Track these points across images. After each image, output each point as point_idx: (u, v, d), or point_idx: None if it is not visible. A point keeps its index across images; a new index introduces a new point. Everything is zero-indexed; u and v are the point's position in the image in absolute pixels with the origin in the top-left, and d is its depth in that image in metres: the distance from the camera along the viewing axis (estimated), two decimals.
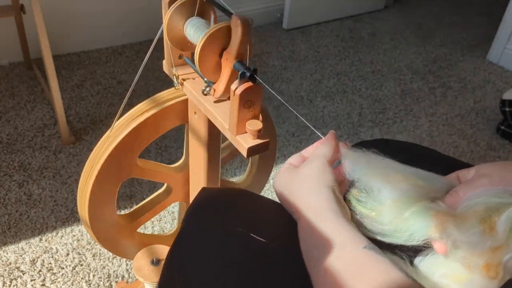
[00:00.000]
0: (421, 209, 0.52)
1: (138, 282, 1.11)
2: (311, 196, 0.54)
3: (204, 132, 0.78)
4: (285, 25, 2.50)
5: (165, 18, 0.68)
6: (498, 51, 2.35)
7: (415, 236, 0.52)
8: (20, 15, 1.76)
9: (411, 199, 0.53)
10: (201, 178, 0.86)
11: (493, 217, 0.50)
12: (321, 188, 0.54)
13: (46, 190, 1.39)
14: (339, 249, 0.47)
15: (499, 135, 1.82)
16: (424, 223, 0.51)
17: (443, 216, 0.51)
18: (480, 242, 0.50)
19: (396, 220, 0.53)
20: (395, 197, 0.53)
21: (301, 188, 0.55)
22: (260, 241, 0.54)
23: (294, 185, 0.57)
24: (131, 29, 2.19)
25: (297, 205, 0.55)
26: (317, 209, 0.52)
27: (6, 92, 1.80)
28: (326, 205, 0.52)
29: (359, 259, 0.46)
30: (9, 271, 1.17)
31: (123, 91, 1.87)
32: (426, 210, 0.52)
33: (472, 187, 0.55)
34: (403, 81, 2.14)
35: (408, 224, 0.52)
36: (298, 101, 1.94)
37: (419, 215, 0.52)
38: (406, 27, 2.66)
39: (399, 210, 0.53)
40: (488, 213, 0.51)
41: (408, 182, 0.54)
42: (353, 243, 0.47)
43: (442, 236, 0.51)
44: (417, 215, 0.52)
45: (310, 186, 0.55)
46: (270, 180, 1.51)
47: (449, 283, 0.50)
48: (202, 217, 0.59)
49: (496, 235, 0.49)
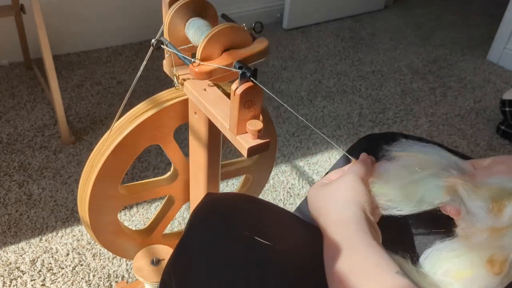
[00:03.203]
0: (433, 172, 0.52)
1: (138, 282, 1.11)
2: (338, 211, 0.53)
3: (204, 132, 0.78)
4: (285, 25, 2.50)
5: (165, 19, 0.68)
6: (498, 51, 2.35)
7: (426, 198, 0.51)
8: (20, 15, 1.76)
9: (422, 165, 0.52)
10: (202, 179, 0.86)
11: (505, 200, 0.49)
12: (349, 204, 0.53)
13: (46, 190, 1.39)
14: (371, 270, 0.46)
15: (499, 135, 1.82)
16: (436, 184, 0.51)
17: (456, 179, 0.50)
18: (484, 218, 0.49)
19: (406, 184, 0.52)
20: (406, 165, 0.53)
21: (330, 201, 0.55)
22: (265, 244, 0.54)
23: (322, 197, 0.56)
24: (131, 29, 2.19)
25: (324, 218, 0.54)
26: (343, 224, 0.51)
27: (6, 92, 1.80)
28: (353, 222, 0.51)
29: (391, 285, 0.44)
30: (9, 271, 1.17)
31: (123, 91, 1.87)
32: (438, 173, 0.51)
33: (489, 172, 0.54)
34: (403, 81, 2.14)
35: (419, 186, 0.52)
36: (298, 101, 1.94)
37: (431, 177, 0.51)
38: (406, 27, 2.66)
39: (410, 174, 0.53)
40: (501, 195, 0.49)
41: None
42: (385, 267, 0.46)
43: (455, 198, 0.50)
44: (428, 177, 0.51)
45: (337, 199, 0.54)
46: (270, 180, 1.51)
47: (452, 281, 0.49)
48: (206, 221, 0.59)
49: (501, 217, 0.48)
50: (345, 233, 0.50)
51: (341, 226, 0.51)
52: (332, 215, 0.53)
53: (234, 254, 0.54)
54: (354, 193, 0.54)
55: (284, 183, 1.51)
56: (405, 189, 0.54)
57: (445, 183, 0.51)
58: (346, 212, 0.52)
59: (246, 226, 0.57)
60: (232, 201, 0.63)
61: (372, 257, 0.47)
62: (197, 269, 0.54)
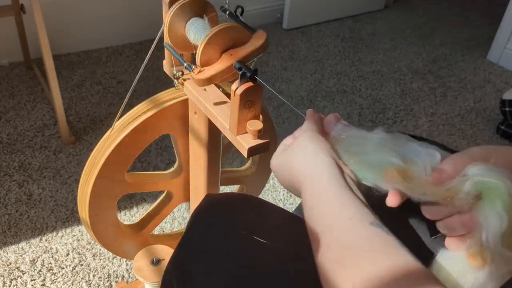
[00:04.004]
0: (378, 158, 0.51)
1: (138, 282, 1.11)
2: (310, 164, 0.52)
3: (204, 132, 0.78)
4: (285, 25, 2.50)
5: (166, 19, 0.68)
6: (498, 51, 2.35)
7: (365, 181, 0.52)
8: (20, 15, 1.76)
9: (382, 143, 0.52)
10: (202, 179, 0.86)
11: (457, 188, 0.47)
12: (318, 154, 0.52)
13: (46, 190, 1.39)
14: (345, 223, 0.45)
15: (499, 135, 1.82)
16: (374, 174, 0.51)
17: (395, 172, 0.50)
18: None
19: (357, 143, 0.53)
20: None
21: (298, 160, 0.53)
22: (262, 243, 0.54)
23: (289, 159, 0.55)
24: (131, 29, 2.19)
25: (297, 176, 0.52)
26: (319, 177, 0.50)
27: (6, 92, 1.80)
28: (327, 172, 0.49)
29: (365, 236, 0.44)
30: (9, 271, 1.17)
31: (123, 91, 1.87)
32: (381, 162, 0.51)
33: (455, 161, 0.50)
34: (403, 81, 2.14)
35: (368, 153, 0.52)
36: (298, 101, 1.94)
37: (382, 153, 0.51)
38: (406, 27, 2.66)
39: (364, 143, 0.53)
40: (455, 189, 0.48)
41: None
42: (359, 218, 0.45)
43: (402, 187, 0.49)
44: (381, 150, 0.51)
45: (305, 154, 0.53)
46: (270, 180, 1.51)
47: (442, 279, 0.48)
48: (205, 222, 0.59)
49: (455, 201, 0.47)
50: (318, 186, 0.49)
51: (313, 180, 0.50)
52: (302, 171, 0.52)
53: (234, 253, 0.54)
54: (316, 144, 0.53)
55: None
56: (353, 147, 0.53)
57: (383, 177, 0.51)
58: (314, 161, 0.51)
59: (245, 226, 0.57)
60: (231, 201, 0.63)
61: (347, 210, 0.46)
62: (197, 268, 0.54)
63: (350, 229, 0.44)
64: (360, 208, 0.46)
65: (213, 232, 0.57)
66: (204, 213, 0.61)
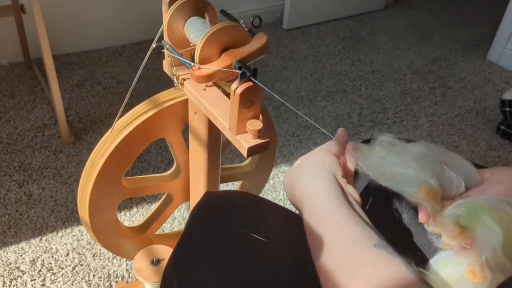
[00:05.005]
0: (421, 168, 0.53)
1: (138, 282, 1.11)
2: (311, 182, 0.51)
3: (204, 132, 0.78)
4: (285, 25, 2.50)
5: (165, 18, 0.68)
6: (498, 51, 2.35)
7: (396, 190, 0.54)
8: (20, 15, 1.76)
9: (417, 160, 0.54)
10: (201, 179, 0.86)
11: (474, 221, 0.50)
12: (319, 172, 0.51)
13: (46, 190, 1.39)
14: (348, 247, 0.44)
15: (499, 135, 1.82)
16: (415, 178, 0.52)
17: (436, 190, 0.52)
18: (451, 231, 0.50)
19: (388, 158, 0.54)
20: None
21: (301, 177, 0.53)
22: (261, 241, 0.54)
23: (295, 176, 0.55)
24: (131, 29, 2.19)
25: (299, 192, 0.52)
26: (319, 195, 0.49)
27: (6, 92, 1.80)
28: (328, 190, 0.49)
29: (371, 261, 0.42)
30: (9, 271, 1.17)
31: (123, 91, 1.87)
32: (425, 173, 0.53)
33: (485, 192, 0.53)
34: (403, 81, 2.14)
35: (399, 166, 0.53)
36: (298, 101, 1.94)
37: (415, 170, 0.53)
38: (406, 27, 2.66)
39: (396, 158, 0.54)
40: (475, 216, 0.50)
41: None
42: (363, 240, 0.44)
43: (432, 204, 0.52)
44: (414, 168, 0.53)
45: (309, 172, 0.52)
46: (270, 180, 1.51)
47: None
48: (205, 220, 0.59)
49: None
50: (318, 204, 0.49)
51: (313, 197, 0.50)
52: (302, 189, 0.52)
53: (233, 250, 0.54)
54: (322, 162, 0.53)
55: None
56: (385, 163, 0.54)
57: (424, 187, 0.52)
58: (315, 180, 0.51)
59: (245, 223, 0.57)
60: (231, 198, 0.63)
61: (348, 232, 0.45)
62: (196, 265, 0.54)
63: (353, 252, 0.43)
64: (363, 229, 0.45)
65: (212, 230, 0.57)
66: (204, 210, 0.61)
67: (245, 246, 0.54)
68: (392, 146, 0.57)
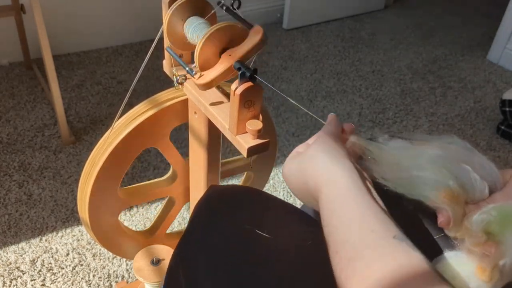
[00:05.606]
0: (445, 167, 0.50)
1: (138, 282, 1.11)
2: (329, 169, 0.49)
3: (204, 132, 0.78)
4: (285, 25, 2.50)
5: (165, 18, 0.68)
6: (498, 51, 2.35)
7: (411, 195, 0.51)
8: (20, 15, 1.76)
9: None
10: (202, 179, 0.86)
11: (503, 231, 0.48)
12: (337, 159, 0.49)
13: (46, 190, 1.39)
14: (367, 237, 0.43)
15: (499, 135, 1.82)
16: (436, 180, 0.50)
17: (460, 195, 0.50)
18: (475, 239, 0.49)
19: (405, 159, 0.52)
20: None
21: (315, 164, 0.50)
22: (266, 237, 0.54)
23: (304, 164, 0.52)
24: (131, 29, 2.19)
25: (314, 182, 0.50)
26: (338, 182, 0.47)
27: (6, 92, 1.80)
28: (348, 177, 0.47)
29: (389, 253, 0.41)
30: (9, 271, 1.17)
31: (123, 91, 1.87)
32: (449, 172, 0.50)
33: (509, 196, 0.51)
34: (403, 81, 2.14)
35: (418, 169, 0.51)
36: (298, 101, 1.93)
37: (437, 172, 0.50)
38: (406, 27, 2.66)
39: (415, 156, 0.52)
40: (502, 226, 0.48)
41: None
42: (382, 232, 0.43)
43: (453, 208, 0.49)
44: (435, 169, 0.50)
45: (324, 159, 0.50)
46: (270, 180, 1.51)
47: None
48: (209, 214, 0.59)
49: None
50: (337, 192, 0.47)
51: (332, 185, 0.48)
52: (319, 176, 0.49)
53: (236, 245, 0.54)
54: (334, 148, 0.51)
55: (284, 183, 1.51)
56: (401, 161, 0.52)
57: (445, 190, 0.50)
58: (333, 166, 0.49)
59: (248, 217, 0.57)
60: (235, 192, 0.63)
61: (367, 221, 0.44)
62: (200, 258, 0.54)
63: (373, 244, 0.42)
64: (383, 219, 0.44)
65: (215, 222, 0.57)
66: (208, 203, 0.61)
67: (248, 241, 0.54)
68: (405, 149, 0.54)
